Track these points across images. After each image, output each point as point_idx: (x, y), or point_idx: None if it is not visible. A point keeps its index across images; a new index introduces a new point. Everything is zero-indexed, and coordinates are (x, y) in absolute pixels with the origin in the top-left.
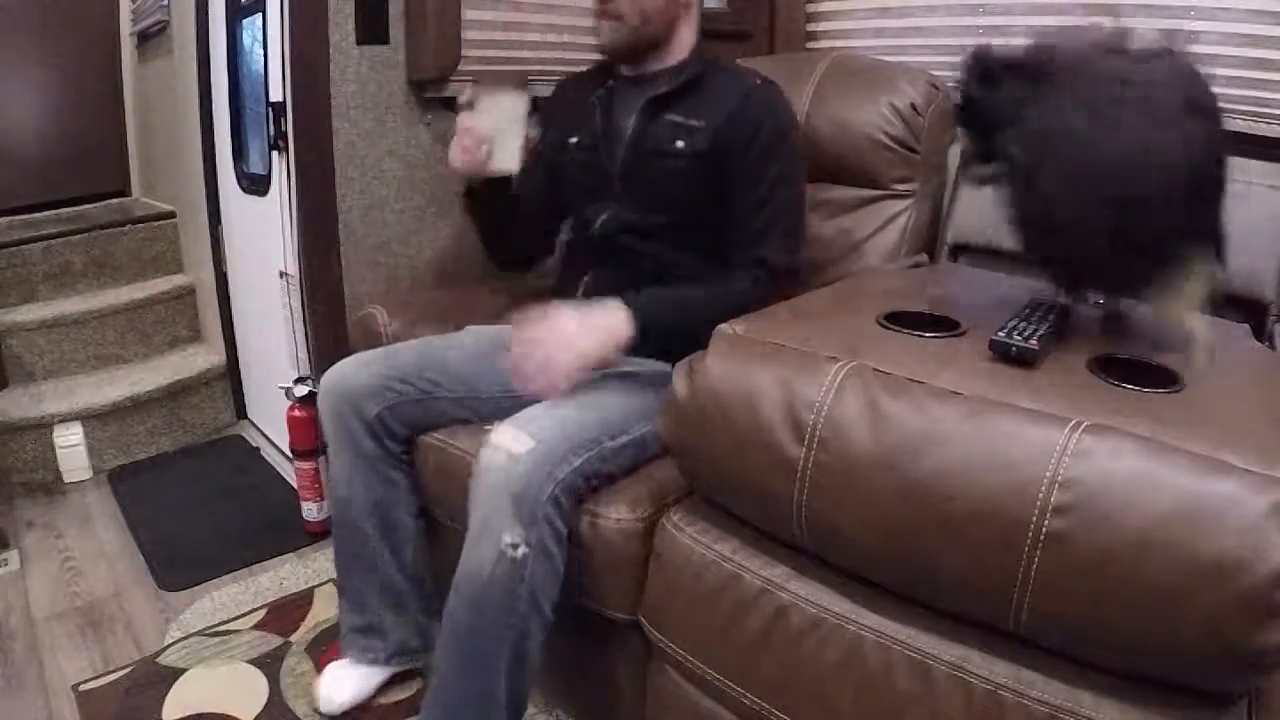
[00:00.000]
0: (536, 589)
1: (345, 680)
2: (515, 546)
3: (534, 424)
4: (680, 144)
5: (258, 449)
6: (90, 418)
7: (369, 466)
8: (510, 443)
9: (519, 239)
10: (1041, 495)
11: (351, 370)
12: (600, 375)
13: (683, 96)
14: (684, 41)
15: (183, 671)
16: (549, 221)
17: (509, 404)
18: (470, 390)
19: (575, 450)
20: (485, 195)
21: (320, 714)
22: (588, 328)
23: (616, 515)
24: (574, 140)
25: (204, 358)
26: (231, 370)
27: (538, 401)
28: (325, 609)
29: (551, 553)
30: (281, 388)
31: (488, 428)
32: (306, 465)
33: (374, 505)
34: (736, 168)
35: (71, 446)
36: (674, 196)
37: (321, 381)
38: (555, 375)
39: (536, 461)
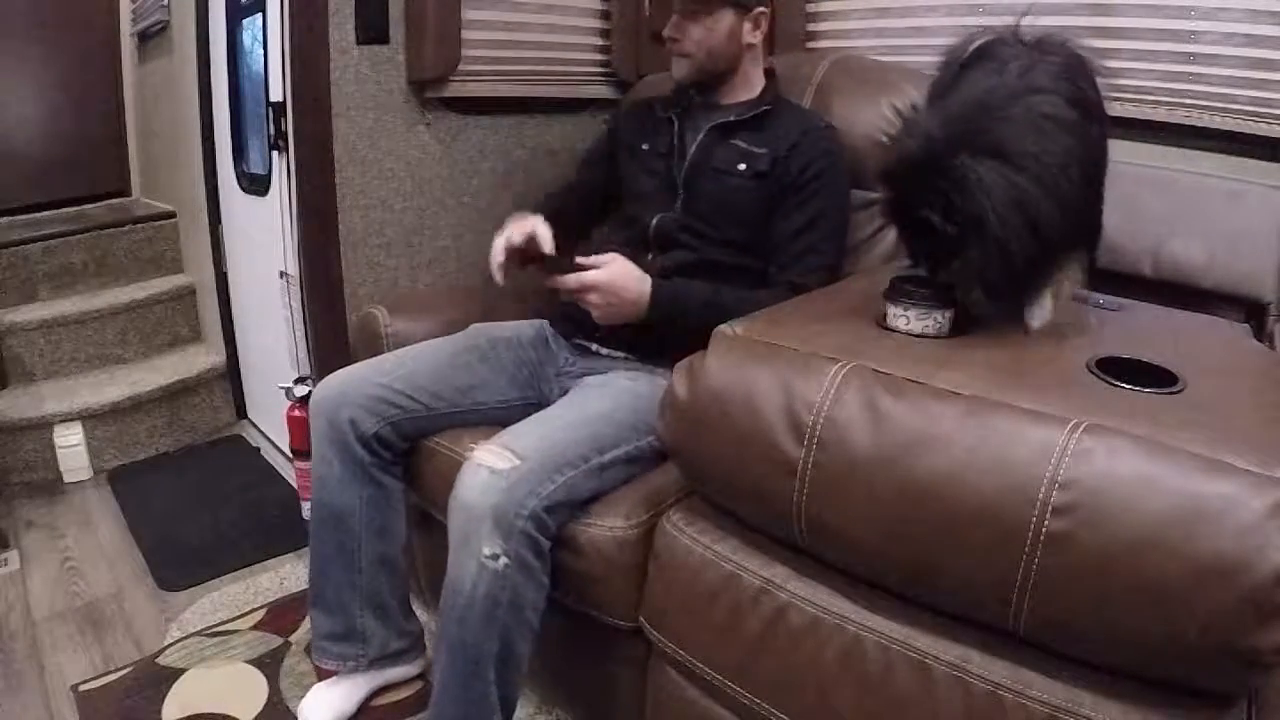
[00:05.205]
0: (519, 599)
1: (323, 701)
2: (495, 558)
3: (519, 442)
4: (742, 166)
5: (258, 449)
6: (90, 418)
7: (362, 471)
8: (493, 460)
9: (574, 229)
10: (1041, 495)
11: (351, 384)
12: (595, 389)
13: (750, 127)
14: (752, 81)
15: (182, 671)
16: (596, 214)
17: (513, 414)
18: (474, 402)
19: (560, 468)
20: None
21: None
22: (628, 289)
23: (611, 524)
24: (645, 147)
25: (204, 358)
26: (231, 370)
27: (535, 409)
28: None
29: (531, 565)
30: (281, 388)
31: (473, 445)
32: (306, 465)
33: (366, 507)
34: (786, 193)
35: (71, 446)
36: (731, 212)
37: (317, 391)
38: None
39: (519, 477)
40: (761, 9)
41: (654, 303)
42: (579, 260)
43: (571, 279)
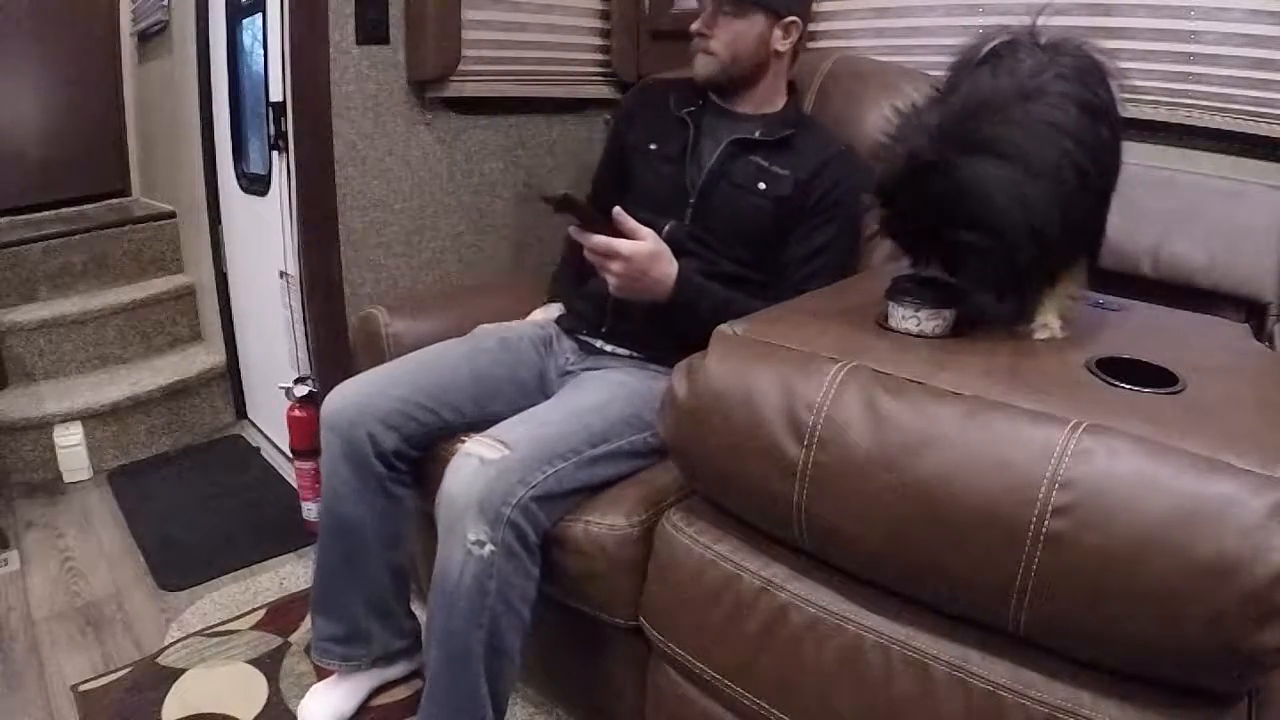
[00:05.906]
0: (506, 588)
1: (323, 701)
2: (480, 544)
3: (510, 434)
4: (762, 185)
5: (258, 449)
6: (90, 418)
7: (378, 484)
8: (482, 450)
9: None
10: (1041, 495)
11: (365, 396)
12: (590, 383)
13: (772, 146)
14: (776, 92)
15: (182, 671)
16: None
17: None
18: (488, 412)
19: (550, 459)
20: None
21: None
22: (654, 268)
23: (611, 523)
24: (654, 147)
25: (204, 358)
26: (231, 370)
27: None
28: None
29: (518, 554)
30: (281, 388)
31: (464, 438)
32: (306, 465)
33: (379, 519)
34: (806, 216)
35: (71, 446)
36: (743, 229)
37: (328, 404)
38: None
39: (507, 467)
40: (794, 18)
41: (679, 287)
42: (617, 219)
43: (599, 241)
